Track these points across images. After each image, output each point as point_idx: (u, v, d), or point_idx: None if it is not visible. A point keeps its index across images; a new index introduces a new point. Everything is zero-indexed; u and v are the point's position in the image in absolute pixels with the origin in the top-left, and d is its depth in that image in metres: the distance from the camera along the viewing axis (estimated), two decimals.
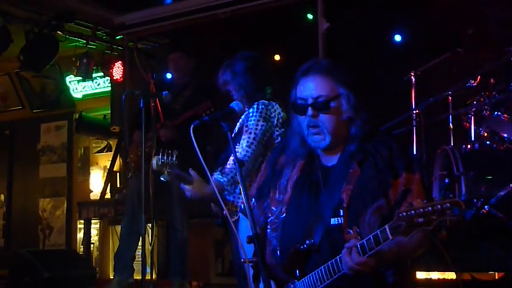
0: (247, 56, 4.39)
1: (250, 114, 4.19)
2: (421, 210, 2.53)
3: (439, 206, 2.50)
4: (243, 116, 4.30)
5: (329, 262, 2.79)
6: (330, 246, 2.86)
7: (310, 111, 2.96)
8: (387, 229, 2.63)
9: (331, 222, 2.89)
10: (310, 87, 2.98)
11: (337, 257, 2.76)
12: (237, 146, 4.11)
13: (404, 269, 2.95)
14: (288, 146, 3.18)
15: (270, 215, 3.13)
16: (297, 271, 2.92)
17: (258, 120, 4.14)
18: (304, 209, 2.98)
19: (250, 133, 4.13)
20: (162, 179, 3.88)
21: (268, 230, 3.10)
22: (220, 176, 3.97)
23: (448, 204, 2.48)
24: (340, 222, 2.88)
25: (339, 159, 3.02)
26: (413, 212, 2.54)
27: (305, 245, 2.87)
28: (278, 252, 3.03)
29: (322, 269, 2.81)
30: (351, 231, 2.80)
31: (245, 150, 4.06)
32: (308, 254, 2.89)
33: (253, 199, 3.25)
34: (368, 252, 2.67)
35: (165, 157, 3.75)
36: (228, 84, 4.37)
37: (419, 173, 2.94)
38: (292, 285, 2.94)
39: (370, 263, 2.68)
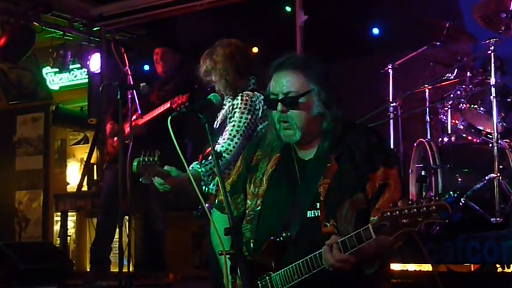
0: (227, 43, 4.34)
1: (235, 106, 4.14)
2: (406, 211, 2.52)
3: (425, 208, 2.49)
4: (226, 107, 4.26)
5: (308, 257, 2.79)
6: (306, 238, 2.86)
7: (280, 106, 2.98)
8: (371, 228, 2.63)
9: (308, 215, 2.90)
10: (282, 83, 2.99)
11: (317, 253, 2.76)
12: (220, 138, 4.09)
13: (380, 261, 2.94)
14: (264, 139, 3.19)
15: (244, 209, 3.14)
16: (273, 263, 2.91)
17: (243, 113, 4.09)
18: (280, 202, 2.98)
19: (233, 125, 4.08)
20: (143, 181, 3.84)
21: (244, 224, 3.10)
22: (198, 166, 3.94)
23: (435, 207, 2.48)
24: (316, 214, 2.89)
25: (316, 153, 3.02)
26: (398, 212, 2.54)
27: (281, 237, 2.87)
28: (252, 244, 3.03)
29: (301, 263, 2.81)
30: (328, 224, 2.81)
31: (227, 142, 4.02)
32: (284, 246, 2.89)
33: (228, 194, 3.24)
34: (349, 250, 2.68)
35: (146, 159, 3.70)
36: (209, 73, 4.32)
37: (396, 167, 2.96)
38: (267, 277, 2.94)
39: (351, 260, 2.69)
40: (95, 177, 8.74)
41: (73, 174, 9.86)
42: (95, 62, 8.43)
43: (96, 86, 8.38)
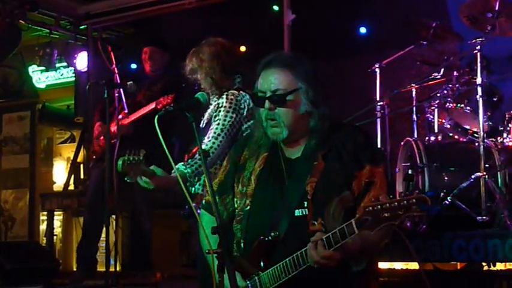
0: (214, 42, 4.35)
1: (220, 105, 4.15)
2: (388, 205, 2.54)
3: (405, 202, 2.52)
4: (211, 107, 4.26)
5: (294, 255, 2.80)
6: (294, 237, 2.87)
7: (267, 104, 2.99)
8: (353, 223, 2.64)
9: (296, 214, 2.92)
10: (269, 81, 3.00)
11: (303, 250, 2.77)
12: (205, 137, 4.09)
13: (370, 266, 2.97)
14: (251, 138, 3.21)
15: (233, 208, 3.14)
16: (262, 262, 2.93)
17: (228, 112, 4.10)
18: (268, 201, 2.98)
19: (218, 124, 4.09)
20: (128, 180, 3.83)
21: (234, 224, 3.11)
22: (184, 167, 3.94)
23: (414, 200, 2.50)
24: (304, 213, 2.91)
25: (303, 152, 3.04)
26: (379, 206, 2.55)
27: (270, 237, 2.88)
28: (242, 244, 3.04)
29: (288, 261, 2.82)
30: (315, 223, 2.82)
31: (212, 141, 4.02)
32: (273, 245, 2.90)
33: (216, 194, 3.24)
34: (334, 246, 2.69)
35: (131, 158, 3.70)
36: (195, 72, 4.32)
37: (382, 165, 2.98)
38: (256, 277, 2.95)
39: (335, 257, 2.71)
40: (82, 176, 8.73)
41: (59, 173, 9.82)
42: (82, 60, 8.41)
43: (83, 85, 8.35)
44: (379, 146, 6.05)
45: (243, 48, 8.07)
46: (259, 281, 2.94)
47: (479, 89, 5.09)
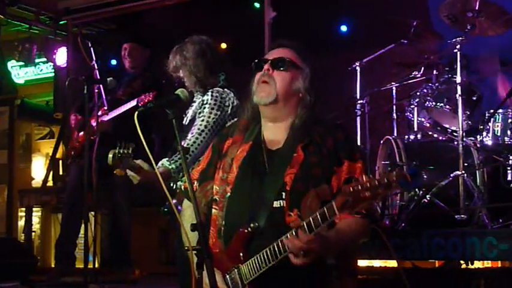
0: (198, 39, 4.34)
1: (205, 102, 4.15)
2: (368, 184, 2.54)
3: (385, 180, 2.51)
4: (195, 104, 4.26)
5: (273, 243, 2.80)
6: (272, 228, 2.88)
7: (266, 65, 3.07)
8: (334, 205, 2.65)
9: (274, 205, 2.93)
10: (276, 53, 3.12)
11: (282, 238, 2.77)
12: (189, 134, 4.09)
13: (343, 252, 2.98)
14: (236, 126, 3.24)
15: (213, 195, 3.15)
16: (241, 255, 2.93)
17: (212, 109, 4.11)
18: (248, 191, 2.99)
19: (203, 120, 4.10)
20: (117, 173, 3.82)
21: (215, 210, 3.11)
22: (168, 163, 3.94)
23: (394, 178, 2.50)
24: (282, 205, 2.92)
25: (284, 143, 3.06)
26: (359, 187, 2.55)
27: (249, 228, 2.88)
28: (222, 231, 3.04)
29: (267, 251, 2.82)
30: (292, 214, 2.86)
31: (195, 137, 4.04)
32: (252, 237, 2.91)
33: (196, 182, 3.25)
34: (314, 230, 2.69)
35: (121, 151, 3.69)
36: (178, 70, 4.31)
37: (361, 161, 3.01)
38: (236, 270, 2.95)
39: (316, 242, 2.70)
40: (61, 173, 8.67)
41: (38, 169, 9.75)
42: (61, 56, 8.37)
43: (63, 80, 8.29)
44: (358, 143, 6.08)
45: (223, 46, 8.06)
46: (239, 274, 2.94)
47: (458, 88, 5.12)
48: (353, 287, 3.07)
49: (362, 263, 4.77)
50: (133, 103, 5.57)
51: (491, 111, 5.25)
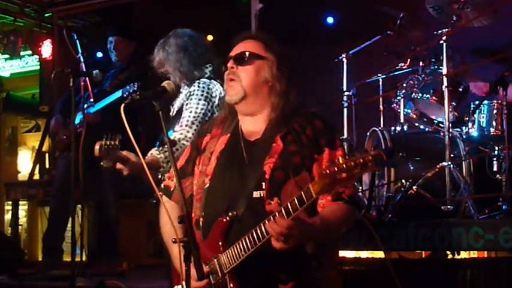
0: (181, 33, 4.33)
1: (191, 93, 4.14)
2: (344, 166, 2.54)
3: (361, 160, 2.52)
4: (182, 95, 4.25)
5: (253, 230, 2.80)
6: (252, 217, 2.89)
7: (230, 63, 3.08)
8: (310, 187, 2.66)
9: (254, 195, 2.94)
10: (238, 47, 3.12)
11: (261, 224, 2.78)
12: (177, 126, 4.08)
13: (324, 244, 2.99)
14: (215, 121, 3.27)
15: (192, 192, 3.16)
16: (220, 244, 2.93)
17: (200, 100, 4.09)
18: (227, 182, 3.00)
19: (191, 112, 4.08)
20: (104, 164, 3.81)
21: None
22: (157, 152, 3.93)
23: (370, 157, 2.51)
24: (262, 195, 2.93)
25: (263, 133, 3.07)
26: (336, 168, 2.56)
27: (228, 217, 2.89)
28: (201, 222, 3.05)
29: (247, 238, 2.82)
30: (271, 202, 2.87)
31: (186, 130, 4.01)
32: (230, 225, 2.92)
33: (176, 179, 3.25)
34: (292, 214, 2.70)
35: (108, 142, 3.68)
36: (162, 65, 4.30)
37: (341, 149, 3.02)
38: (215, 259, 2.95)
39: (296, 228, 2.69)
40: (47, 166, 8.64)
41: (24, 163, 9.71)
42: (47, 48, 8.33)
43: (48, 73, 8.25)
44: (345, 135, 6.09)
45: (210, 38, 8.04)
46: (218, 263, 2.94)
47: (444, 79, 5.14)
48: (334, 278, 3.08)
49: (349, 254, 4.78)
50: (118, 94, 5.56)
51: (477, 102, 5.28)
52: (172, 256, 3.14)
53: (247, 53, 3.07)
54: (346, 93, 6.14)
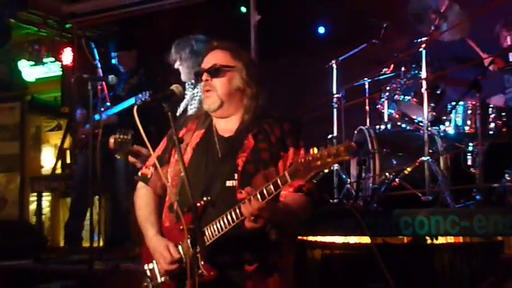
0: (206, 39, 4.37)
1: (195, 95, 4.16)
2: (318, 155, 2.58)
3: (334, 150, 2.55)
4: (187, 96, 4.26)
5: (228, 212, 2.82)
6: (224, 203, 2.91)
7: (204, 76, 3.09)
8: (286, 174, 2.69)
9: (227, 184, 2.97)
10: (210, 60, 3.12)
11: (235, 206, 2.80)
12: None
13: (285, 230, 3.03)
14: (190, 117, 3.29)
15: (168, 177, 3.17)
16: (193, 226, 2.89)
17: (201, 101, 4.12)
18: (202, 171, 3.02)
19: (194, 112, 4.10)
20: (117, 156, 3.82)
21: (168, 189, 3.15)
22: None
23: (342, 147, 2.54)
24: (234, 184, 2.96)
25: (235, 131, 3.10)
26: (310, 158, 2.60)
27: (202, 201, 2.90)
28: (175, 206, 3.04)
29: (221, 220, 2.84)
30: (243, 191, 2.87)
31: None
32: (204, 210, 2.93)
33: (152, 168, 3.28)
34: (267, 197, 2.73)
35: (121, 136, 3.69)
36: (181, 62, 4.33)
37: (304, 149, 3.02)
38: (189, 240, 2.91)
39: (267, 210, 2.73)
40: (68, 161, 8.64)
41: (47, 159, 9.69)
42: (67, 55, 8.33)
43: (69, 78, 8.30)
44: (335, 133, 6.09)
45: (215, 44, 8.04)
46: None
47: (424, 83, 5.15)
48: (291, 262, 3.11)
49: (339, 239, 4.79)
50: (131, 101, 5.58)
51: (453, 103, 5.28)
52: (146, 238, 3.16)
53: (219, 66, 3.07)
54: (336, 95, 6.13)
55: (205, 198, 2.94)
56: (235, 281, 2.94)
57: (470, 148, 5.15)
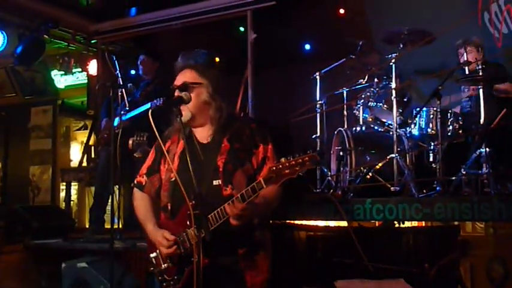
0: (208, 53, 4.41)
1: None
2: (287, 164, 2.63)
3: (300, 160, 2.59)
4: None
5: (215, 211, 2.84)
6: (212, 201, 2.92)
7: (176, 92, 3.08)
8: (262, 180, 2.73)
9: (213, 183, 2.98)
10: (180, 78, 3.11)
11: (222, 206, 2.83)
12: None
13: (264, 216, 3.08)
14: (173, 129, 3.23)
15: (160, 185, 3.17)
16: (188, 221, 2.92)
17: None
18: (189, 174, 2.95)
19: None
20: (136, 155, 3.81)
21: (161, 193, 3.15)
22: None
23: (307, 158, 2.58)
24: (219, 183, 2.97)
25: (211, 138, 3.10)
26: (281, 166, 2.65)
27: (193, 201, 2.86)
28: (169, 206, 3.08)
29: (210, 217, 2.85)
30: (227, 188, 2.93)
31: None
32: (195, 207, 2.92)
33: (145, 176, 3.27)
34: (247, 199, 2.76)
35: (138, 138, 3.69)
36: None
37: (271, 144, 3.07)
38: (184, 233, 2.98)
39: (248, 209, 2.77)
40: (92, 156, 8.62)
41: (75, 153, 9.70)
42: (93, 66, 8.32)
43: (94, 85, 8.29)
44: (318, 134, 6.08)
45: (217, 59, 8.02)
46: (187, 236, 2.96)
47: (393, 92, 5.15)
48: (269, 237, 3.12)
49: (321, 223, 4.79)
50: (147, 106, 5.56)
51: (418, 109, 5.28)
52: (147, 231, 3.16)
53: (188, 84, 3.05)
54: (319, 102, 6.12)
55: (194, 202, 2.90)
56: (230, 265, 2.95)
57: (432, 147, 5.15)
